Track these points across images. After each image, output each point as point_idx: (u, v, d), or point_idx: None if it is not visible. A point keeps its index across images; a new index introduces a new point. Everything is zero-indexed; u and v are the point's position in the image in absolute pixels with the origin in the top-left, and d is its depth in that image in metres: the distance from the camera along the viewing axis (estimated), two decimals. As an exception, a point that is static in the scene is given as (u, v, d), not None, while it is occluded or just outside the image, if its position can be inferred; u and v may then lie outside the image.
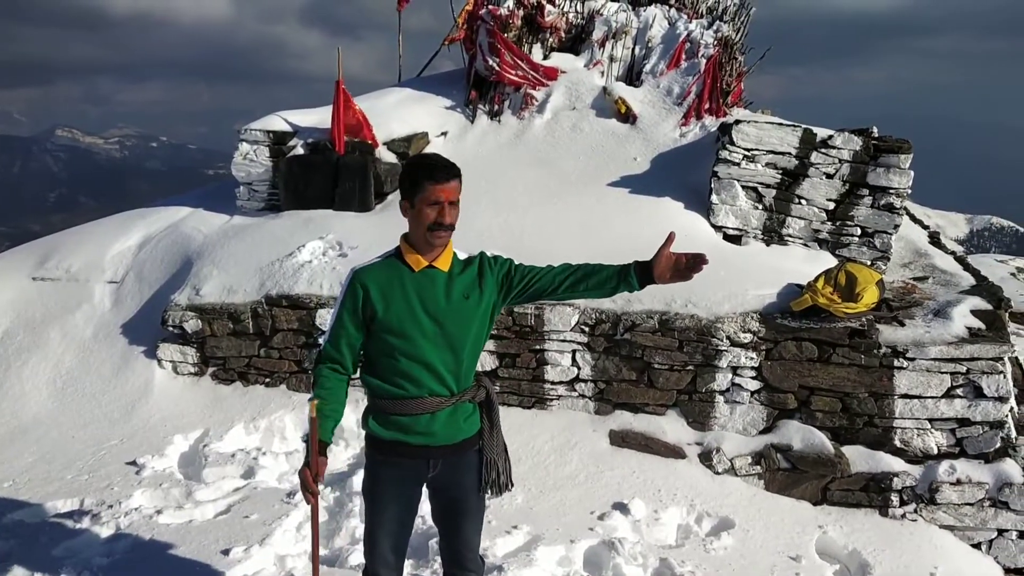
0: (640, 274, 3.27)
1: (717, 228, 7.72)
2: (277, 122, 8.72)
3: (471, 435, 3.41)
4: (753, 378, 6.32)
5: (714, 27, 9.40)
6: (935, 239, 8.94)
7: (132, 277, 7.97)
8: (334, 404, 3.24)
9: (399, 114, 9.17)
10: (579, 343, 6.60)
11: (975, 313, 6.40)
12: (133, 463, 6.08)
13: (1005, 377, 6.01)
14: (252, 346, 7.07)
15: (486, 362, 6.72)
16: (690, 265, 3.23)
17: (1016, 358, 6.81)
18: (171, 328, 7.14)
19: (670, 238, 3.30)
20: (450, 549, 3.58)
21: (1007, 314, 6.55)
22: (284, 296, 7.02)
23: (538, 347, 6.65)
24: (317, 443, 3.17)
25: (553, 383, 6.66)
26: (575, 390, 6.66)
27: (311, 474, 3.14)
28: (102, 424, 6.68)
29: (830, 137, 7.50)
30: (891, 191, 7.43)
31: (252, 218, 8.41)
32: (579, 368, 6.62)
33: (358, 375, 3.36)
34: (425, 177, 3.14)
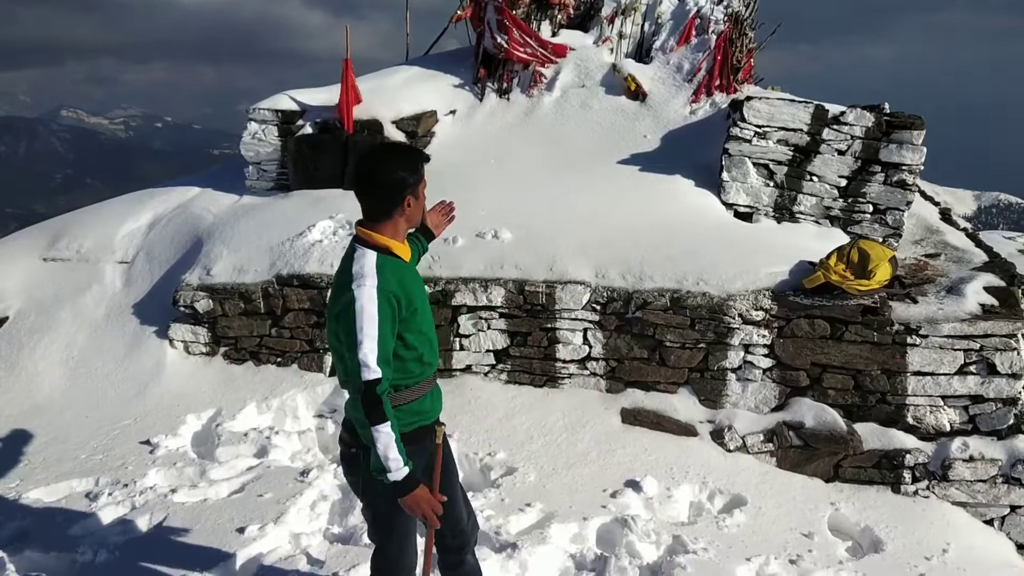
0: None
1: (728, 205, 7.68)
2: (285, 101, 8.68)
3: None
4: (765, 356, 6.32)
5: (724, 3, 9.31)
6: (946, 216, 8.89)
7: (142, 257, 7.98)
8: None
9: (407, 93, 9.12)
10: (590, 321, 6.59)
11: (988, 290, 6.38)
12: (147, 442, 6.11)
13: (1019, 354, 5.99)
14: (263, 326, 7.08)
15: (497, 341, 6.73)
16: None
17: (1029, 335, 6.78)
18: (182, 308, 7.15)
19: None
20: (452, 517, 3.53)
21: (1020, 291, 6.52)
22: (295, 275, 7.02)
23: (549, 325, 6.64)
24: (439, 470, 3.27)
25: (564, 361, 6.65)
26: (586, 368, 6.65)
27: (432, 497, 3.13)
28: (115, 404, 6.70)
29: (842, 113, 7.45)
30: (903, 167, 7.38)
31: (261, 198, 8.40)
32: (590, 346, 6.62)
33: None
34: (423, 160, 3.25)
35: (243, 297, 7.09)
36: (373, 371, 2.95)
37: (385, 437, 2.97)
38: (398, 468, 2.99)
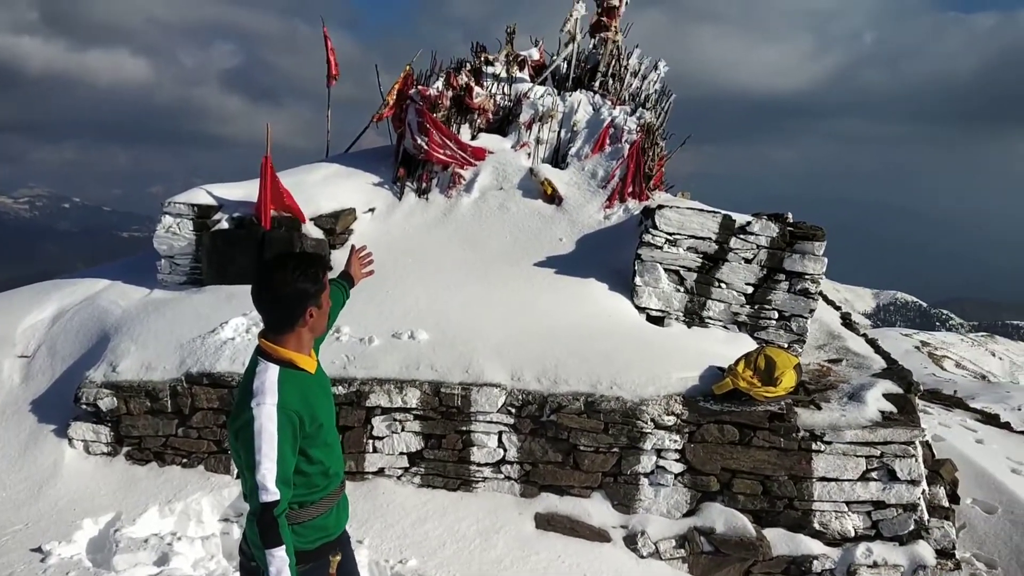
0: None
1: (641, 309, 7.86)
2: (202, 195, 8.62)
3: None
4: (677, 460, 6.40)
5: (637, 114, 9.70)
6: (847, 320, 9.27)
7: (44, 352, 7.71)
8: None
9: (326, 190, 9.16)
10: (506, 424, 6.59)
11: (887, 397, 6.64)
12: (38, 550, 5.79)
13: (917, 460, 6.22)
14: (170, 425, 6.87)
15: (411, 443, 6.66)
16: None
17: (927, 441, 7.05)
18: (84, 406, 6.90)
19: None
20: None
21: (917, 397, 6.80)
22: (205, 374, 6.86)
23: (464, 428, 6.62)
24: None
25: (479, 465, 6.62)
26: (501, 472, 6.63)
27: None
28: (6, 507, 6.36)
29: (748, 223, 7.75)
30: (806, 276, 7.69)
31: (173, 292, 8.25)
32: (505, 449, 6.61)
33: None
34: (326, 269, 3.19)
35: (150, 395, 6.88)
36: (271, 493, 2.89)
37: (279, 562, 2.90)
38: None
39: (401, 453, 6.70)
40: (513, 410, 6.58)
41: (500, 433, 6.61)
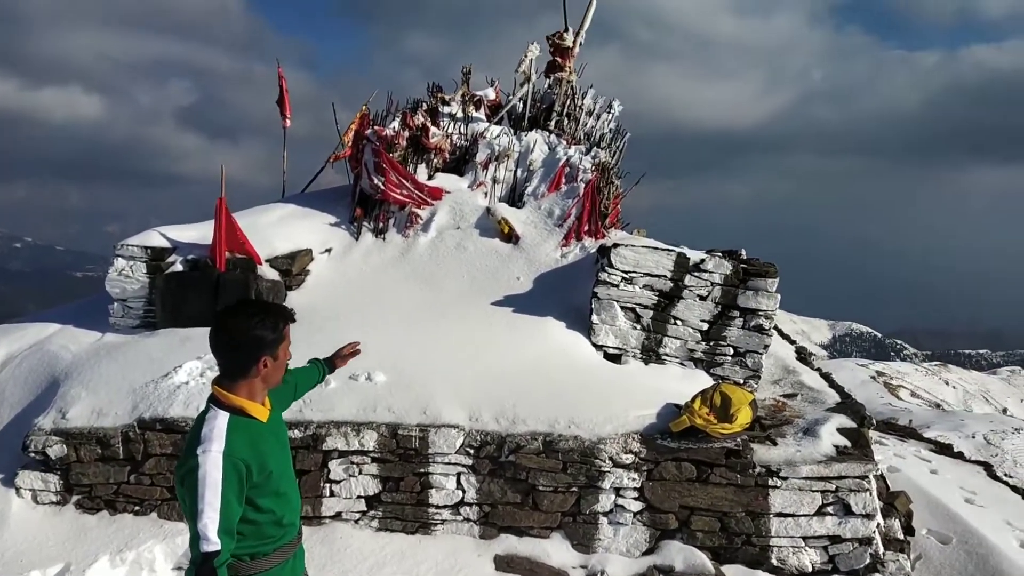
0: None
1: (598, 347, 7.90)
2: (155, 238, 8.54)
3: None
4: (635, 499, 6.41)
5: (592, 153, 9.81)
6: (802, 355, 9.39)
7: (-9, 399, 7.54)
8: None
9: (283, 231, 9.13)
10: (464, 465, 6.56)
11: (841, 431, 6.72)
12: (-18, 606, 5.64)
13: (871, 494, 6.29)
14: (122, 472, 6.73)
15: (369, 486, 6.60)
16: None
17: (881, 473, 7.14)
18: (33, 454, 6.74)
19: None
20: None
21: (870, 430, 6.89)
22: (158, 419, 6.75)
23: (422, 470, 6.57)
24: None
25: (438, 507, 6.57)
26: (460, 514, 6.58)
27: None
28: (-51, 562, 6.18)
29: (702, 261, 7.85)
30: (760, 313, 7.79)
31: (126, 336, 8.12)
32: (464, 491, 6.57)
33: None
34: (287, 320, 3.18)
35: (100, 442, 6.75)
36: (212, 543, 2.84)
37: None
38: None
39: (359, 496, 6.63)
40: (471, 451, 6.55)
41: (459, 474, 6.58)
